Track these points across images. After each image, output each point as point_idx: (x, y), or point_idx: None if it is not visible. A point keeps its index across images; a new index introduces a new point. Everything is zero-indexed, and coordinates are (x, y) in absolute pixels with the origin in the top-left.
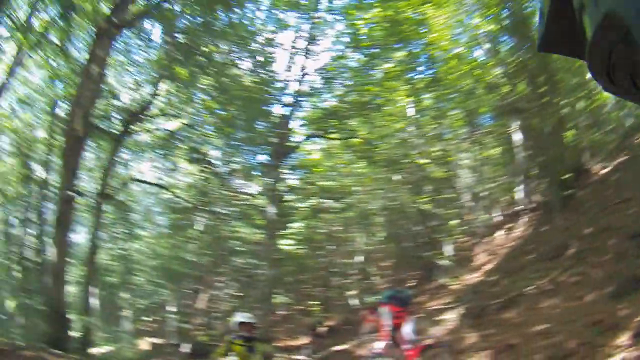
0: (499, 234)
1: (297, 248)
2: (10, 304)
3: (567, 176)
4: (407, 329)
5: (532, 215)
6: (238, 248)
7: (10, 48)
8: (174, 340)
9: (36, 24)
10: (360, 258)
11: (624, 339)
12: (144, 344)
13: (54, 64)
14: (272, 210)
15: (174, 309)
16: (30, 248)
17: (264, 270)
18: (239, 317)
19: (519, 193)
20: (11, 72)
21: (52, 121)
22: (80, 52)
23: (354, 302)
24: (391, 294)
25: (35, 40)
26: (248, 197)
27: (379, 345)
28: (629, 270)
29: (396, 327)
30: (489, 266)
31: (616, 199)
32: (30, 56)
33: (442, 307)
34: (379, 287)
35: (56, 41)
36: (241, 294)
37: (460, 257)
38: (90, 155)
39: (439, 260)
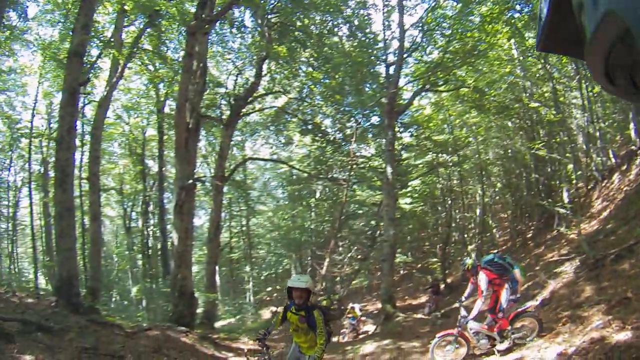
0: (615, 178)
1: (416, 206)
2: (136, 290)
3: None
4: (504, 297)
5: None
6: (358, 211)
7: (107, 64)
8: None
9: (125, 37)
10: (478, 211)
11: None
12: (267, 313)
13: (152, 68)
14: (389, 170)
15: None
16: (152, 237)
17: (384, 230)
18: (295, 280)
19: (632, 132)
20: (112, 85)
21: (161, 119)
22: (177, 51)
23: (474, 257)
24: (490, 259)
25: (129, 52)
26: (364, 160)
27: (475, 310)
28: None
29: (494, 293)
30: (605, 213)
31: None
32: (128, 67)
33: (559, 258)
34: (498, 240)
35: (149, 47)
36: (363, 257)
37: (578, 204)
38: (204, 143)
39: (556, 208)
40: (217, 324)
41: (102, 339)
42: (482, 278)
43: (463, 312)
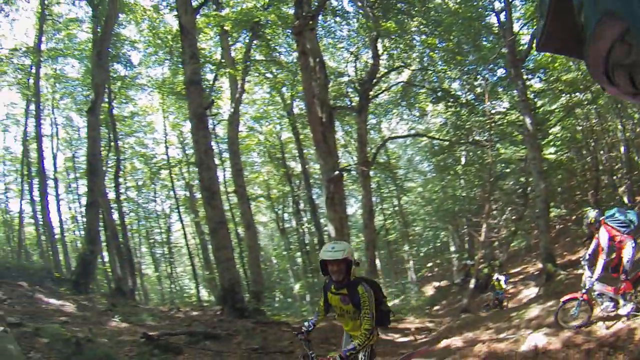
0: None
1: (561, 154)
2: (298, 287)
3: None
4: (627, 256)
5: None
6: (505, 170)
7: (225, 83)
8: (458, 279)
9: (235, 54)
10: (623, 149)
11: None
12: (430, 290)
13: (270, 75)
14: (528, 121)
15: (454, 249)
16: (308, 234)
17: (535, 185)
18: (328, 251)
19: None
20: (237, 101)
21: (293, 120)
22: (290, 53)
23: (625, 199)
24: (611, 214)
25: (243, 67)
26: (501, 116)
27: (598, 270)
28: None
29: (617, 251)
30: None
31: None
32: (247, 80)
33: None
34: None
35: (262, 57)
36: (518, 217)
37: None
38: (341, 133)
39: None
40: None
41: (270, 337)
42: (603, 234)
43: (587, 273)
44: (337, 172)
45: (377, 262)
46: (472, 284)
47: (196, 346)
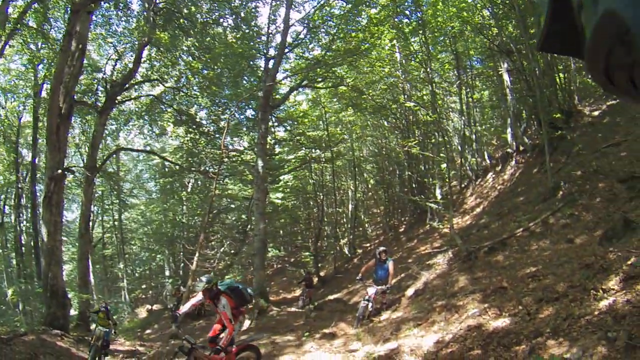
0: (489, 177)
1: (288, 200)
2: (11, 293)
3: (557, 117)
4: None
5: (521, 157)
6: (230, 205)
7: None
8: (171, 304)
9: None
10: (351, 206)
11: (613, 282)
12: (142, 312)
13: (34, 47)
14: (260, 163)
15: (169, 273)
16: (25, 234)
17: (255, 224)
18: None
19: (509, 136)
20: None
21: (37, 103)
22: (61, 31)
23: (346, 251)
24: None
25: (12, 27)
26: (236, 153)
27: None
28: (618, 213)
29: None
30: (478, 209)
31: (606, 142)
32: (9, 45)
33: (432, 251)
34: (370, 234)
35: (34, 24)
36: (235, 251)
37: (451, 200)
38: (77, 131)
39: (428, 204)
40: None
41: None
42: (225, 304)
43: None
44: (59, 171)
45: (92, 276)
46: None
47: None
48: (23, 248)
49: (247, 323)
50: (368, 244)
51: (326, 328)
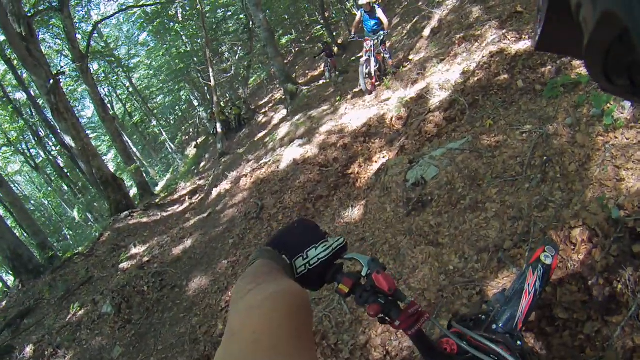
0: None
1: None
2: (76, 212)
3: None
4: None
5: None
6: (228, 14)
7: None
8: (211, 129)
9: None
10: None
11: None
12: (192, 150)
13: None
14: None
15: (197, 103)
16: (60, 155)
17: (254, 18)
18: None
19: None
20: None
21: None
22: None
23: (355, 11)
24: None
25: None
26: None
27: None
28: None
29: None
30: None
31: None
32: None
33: None
34: None
35: None
36: (247, 52)
37: None
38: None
39: None
40: (159, 187)
41: (69, 276)
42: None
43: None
44: (51, 81)
45: (133, 148)
46: (219, 128)
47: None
48: (65, 170)
49: (284, 112)
50: None
51: (355, 88)
